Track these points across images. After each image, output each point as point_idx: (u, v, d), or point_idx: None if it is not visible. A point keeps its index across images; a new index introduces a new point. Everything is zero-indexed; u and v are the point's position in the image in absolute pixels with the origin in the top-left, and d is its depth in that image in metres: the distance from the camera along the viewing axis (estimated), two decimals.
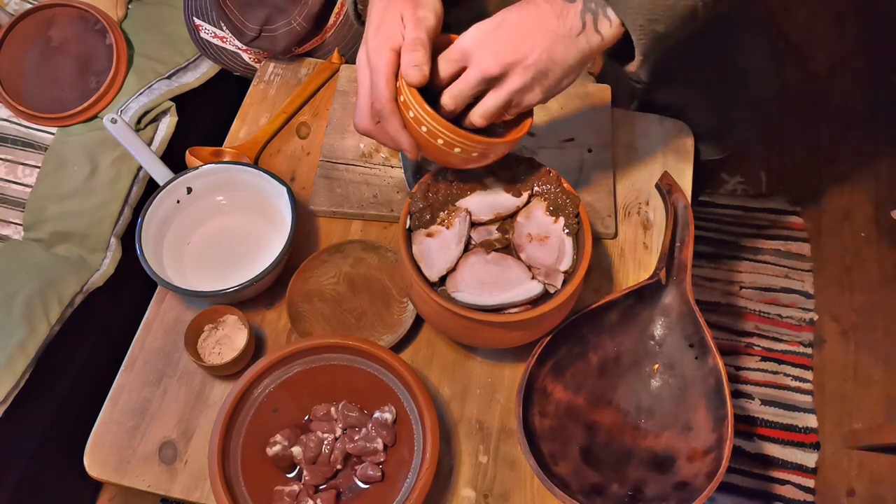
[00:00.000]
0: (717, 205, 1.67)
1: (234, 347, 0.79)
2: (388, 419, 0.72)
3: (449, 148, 0.64)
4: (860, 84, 1.86)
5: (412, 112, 0.63)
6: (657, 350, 0.78)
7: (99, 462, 0.75)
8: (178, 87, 1.17)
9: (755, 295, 1.55)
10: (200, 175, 0.85)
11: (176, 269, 0.83)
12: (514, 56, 0.60)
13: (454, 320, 0.69)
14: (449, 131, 0.63)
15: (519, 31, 0.61)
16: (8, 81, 1.11)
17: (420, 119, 0.63)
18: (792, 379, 1.45)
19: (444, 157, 0.66)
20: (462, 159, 0.66)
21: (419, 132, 0.64)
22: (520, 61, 0.60)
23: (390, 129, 0.65)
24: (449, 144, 0.64)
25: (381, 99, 0.64)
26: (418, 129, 0.64)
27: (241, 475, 0.69)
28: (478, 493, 0.73)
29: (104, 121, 0.97)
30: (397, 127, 0.65)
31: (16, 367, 0.97)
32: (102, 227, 1.09)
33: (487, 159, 0.67)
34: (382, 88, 0.63)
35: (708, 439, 0.71)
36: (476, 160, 0.67)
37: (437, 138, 0.64)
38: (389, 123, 0.65)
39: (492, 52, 0.60)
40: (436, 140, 0.64)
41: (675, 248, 0.79)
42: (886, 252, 1.60)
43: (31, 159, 1.13)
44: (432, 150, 0.65)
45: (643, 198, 0.90)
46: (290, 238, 0.79)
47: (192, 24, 1.11)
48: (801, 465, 1.36)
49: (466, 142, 0.64)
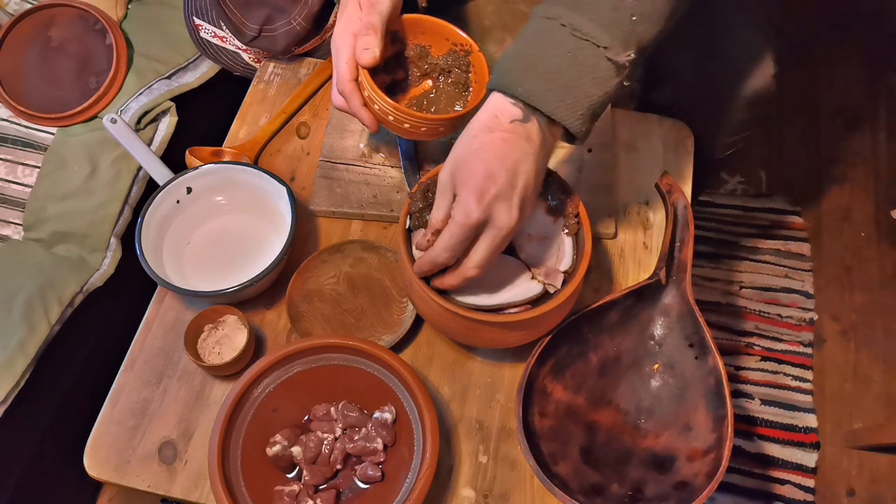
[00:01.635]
0: (717, 205, 1.67)
1: (233, 347, 0.79)
2: (388, 419, 0.72)
3: (399, 123, 0.73)
4: (860, 84, 1.86)
5: (366, 92, 0.72)
6: (657, 350, 0.78)
7: (99, 462, 0.75)
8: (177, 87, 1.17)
9: (755, 295, 1.55)
10: (200, 175, 0.85)
11: (176, 269, 0.83)
12: (521, 197, 0.61)
13: (454, 320, 0.69)
14: (395, 109, 0.72)
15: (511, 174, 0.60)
16: (8, 81, 1.11)
17: (373, 98, 0.72)
18: (792, 379, 1.45)
19: (397, 130, 0.75)
20: (412, 133, 0.75)
21: (374, 109, 0.73)
22: (525, 196, 0.62)
23: (351, 106, 0.74)
24: (399, 120, 0.73)
25: (342, 80, 0.73)
26: (373, 106, 0.73)
27: (241, 475, 0.69)
28: (478, 493, 0.73)
29: (104, 121, 0.97)
30: (357, 104, 0.74)
31: (16, 367, 0.97)
32: (102, 227, 1.09)
33: (438, 133, 0.76)
34: (343, 70, 0.72)
35: (708, 439, 0.71)
36: (427, 133, 0.75)
37: (388, 115, 0.73)
38: (350, 101, 0.74)
39: (505, 209, 0.61)
40: (387, 117, 0.73)
41: (675, 248, 0.78)
42: (886, 252, 1.60)
43: (31, 159, 1.13)
44: (386, 124, 0.75)
45: (643, 198, 0.90)
46: (290, 238, 0.79)
47: (192, 23, 1.11)
48: (801, 465, 1.36)
49: (412, 118, 0.72)
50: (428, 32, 0.80)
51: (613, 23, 0.59)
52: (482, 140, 0.61)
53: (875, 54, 1.90)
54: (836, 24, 1.96)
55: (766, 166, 1.73)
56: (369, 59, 0.70)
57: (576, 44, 0.60)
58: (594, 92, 0.60)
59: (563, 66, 0.60)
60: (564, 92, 0.60)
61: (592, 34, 0.59)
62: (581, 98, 0.60)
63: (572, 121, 0.61)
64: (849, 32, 1.95)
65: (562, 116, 0.60)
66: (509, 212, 0.61)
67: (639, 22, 0.59)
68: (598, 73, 0.60)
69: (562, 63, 0.60)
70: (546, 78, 0.60)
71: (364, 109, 0.74)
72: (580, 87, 0.60)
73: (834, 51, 1.92)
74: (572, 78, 0.60)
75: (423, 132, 0.75)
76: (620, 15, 0.59)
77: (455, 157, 0.62)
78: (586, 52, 0.59)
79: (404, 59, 0.81)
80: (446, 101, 0.81)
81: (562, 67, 0.60)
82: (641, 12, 0.59)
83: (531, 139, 0.61)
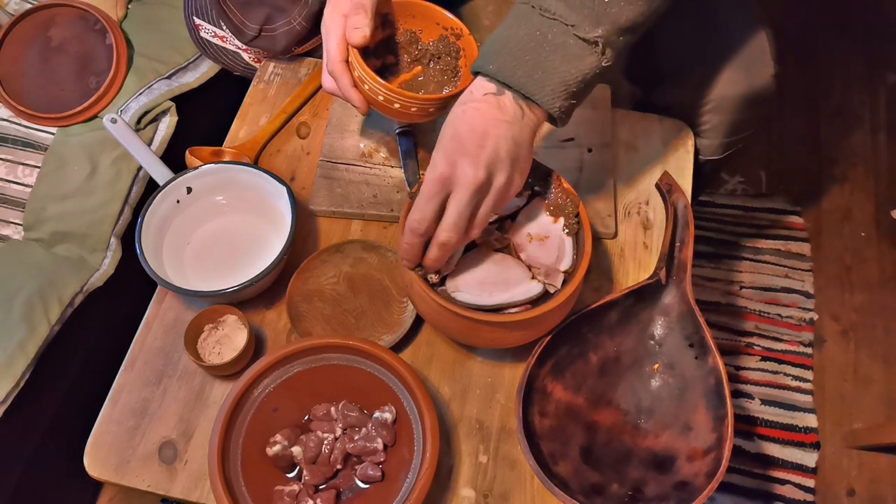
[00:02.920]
0: (717, 205, 1.68)
1: (233, 347, 0.79)
2: (388, 419, 0.72)
3: (389, 103, 0.73)
4: (860, 84, 1.86)
5: (356, 72, 0.72)
6: (657, 350, 0.78)
7: (99, 462, 0.75)
8: (178, 86, 1.17)
9: (755, 295, 1.55)
10: (200, 175, 0.85)
11: (176, 269, 0.83)
12: (490, 156, 0.61)
13: (454, 320, 0.69)
14: (386, 90, 0.71)
15: (478, 134, 0.62)
16: (8, 81, 1.11)
17: (363, 78, 0.71)
18: (792, 379, 1.45)
19: (387, 111, 0.74)
20: (403, 114, 0.74)
21: (364, 90, 0.73)
22: (496, 158, 0.62)
23: (341, 87, 0.73)
24: (388, 100, 0.72)
25: (332, 60, 0.72)
26: (363, 87, 0.73)
27: (241, 475, 0.69)
28: (478, 493, 0.73)
29: (104, 121, 0.97)
30: (347, 85, 0.73)
31: (16, 367, 0.97)
32: (102, 227, 1.09)
33: (429, 115, 0.75)
34: (333, 50, 0.72)
35: (708, 439, 0.71)
36: (417, 114, 0.74)
37: (378, 95, 0.72)
38: (340, 82, 0.73)
39: (472, 165, 0.61)
40: (377, 97, 0.72)
41: (675, 247, 0.79)
42: (886, 252, 1.60)
43: (31, 159, 1.13)
44: (377, 105, 0.74)
45: (643, 198, 0.90)
46: (290, 238, 0.79)
47: (191, 23, 1.11)
48: (801, 465, 1.36)
49: (402, 98, 0.72)
50: (418, 16, 0.80)
51: (583, 3, 0.60)
52: (454, 112, 0.64)
53: (875, 54, 1.90)
54: (836, 24, 1.96)
55: (766, 166, 1.73)
56: (359, 38, 0.70)
57: (544, 22, 0.61)
58: (565, 69, 0.61)
59: (531, 44, 0.61)
60: (532, 67, 0.61)
61: (560, 13, 0.61)
62: (550, 74, 0.61)
63: (542, 95, 0.62)
64: (849, 32, 1.95)
65: (531, 91, 0.62)
66: (474, 169, 0.61)
67: (611, 3, 0.60)
68: (568, 50, 0.61)
69: (530, 41, 0.62)
70: (515, 55, 0.62)
71: (354, 90, 0.73)
72: (549, 63, 0.61)
73: (834, 51, 1.92)
74: (541, 55, 0.61)
75: (414, 113, 0.74)
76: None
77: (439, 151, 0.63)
78: (555, 31, 0.61)
79: (395, 44, 0.81)
80: (435, 86, 0.80)
81: (530, 45, 0.62)
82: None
83: (503, 108, 0.62)
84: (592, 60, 0.61)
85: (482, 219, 0.64)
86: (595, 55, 0.61)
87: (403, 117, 0.75)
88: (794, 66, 1.88)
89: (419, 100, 0.73)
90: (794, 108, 1.83)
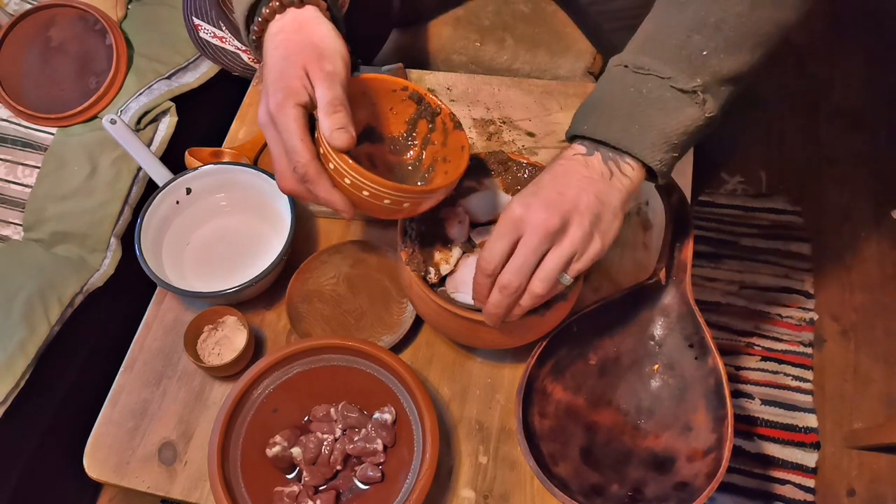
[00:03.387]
0: (717, 205, 1.67)
1: (233, 348, 0.79)
2: (387, 420, 0.72)
3: (397, 205, 0.61)
4: (860, 84, 1.86)
5: (348, 179, 0.58)
6: (657, 350, 0.78)
7: (98, 463, 0.75)
8: (177, 87, 1.18)
9: (755, 295, 1.55)
10: (200, 176, 0.85)
11: (175, 270, 0.83)
12: (567, 205, 0.58)
13: (454, 321, 0.69)
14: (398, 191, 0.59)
15: (560, 185, 0.60)
16: (8, 81, 1.12)
17: (360, 185, 0.58)
18: (792, 379, 1.45)
19: (390, 213, 0.62)
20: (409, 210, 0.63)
21: (359, 196, 0.60)
22: (573, 208, 0.59)
23: (320, 191, 0.60)
24: (397, 202, 0.60)
25: (301, 162, 0.58)
26: (359, 193, 0.59)
27: (240, 476, 0.69)
28: (478, 494, 0.73)
29: (103, 122, 0.97)
30: (328, 188, 0.60)
31: (16, 367, 0.97)
32: (102, 228, 1.09)
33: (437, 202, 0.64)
34: (300, 150, 0.58)
35: (708, 439, 0.71)
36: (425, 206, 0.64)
37: (384, 199, 0.59)
38: (318, 186, 0.59)
39: (546, 209, 0.58)
40: (382, 201, 0.60)
41: (674, 248, 0.78)
42: (886, 252, 1.60)
43: (31, 159, 1.13)
44: (377, 209, 0.61)
45: (643, 198, 0.90)
46: (290, 239, 0.79)
47: (191, 23, 1.11)
48: (801, 465, 1.36)
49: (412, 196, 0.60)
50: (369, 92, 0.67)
51: (679, 57, 0.59)
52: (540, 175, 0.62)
53: (875, 54, 1.90)
54: (836, 24, 1.96)
55: (766, 166, 1.73)
56: (347, 140, 0.57)
57: (638, 79, 0.60)
58: (664, 121, 0.59)
59: (626, 100, 0.60)
60: (628, 122, 0.59)
61: (654, 68, 0.59)
62: (648, 128, 0.59)
63: (641, 149, 0.59)
64: (849, 32, 1.95)
65: (628, 145, 0.60)
66: (547, 213, 0.58)
67: (710, 55, 0.59)
68: (666, 102, 0.59)
69: (625, 97, 0.60)
70: (609, 113, 0.60)
71: (336, 192, 0.60)
72: (646, 117, 0.59)
73: (834, 51, 1.92)
74: (637, 110, 0.60)
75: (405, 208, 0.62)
76: (687, 52, 0.59)
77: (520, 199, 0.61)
78: (650, 85, 0.59)
79: None
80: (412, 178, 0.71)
81: (625, 101, 0.60)
82: (713, 47, 0.59)
83: (590, 166, 0.60)
84: (693, 112, 0.59)
85: (548, 271, 0.60)
86: (696, 106, 0.59)
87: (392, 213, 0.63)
88: (794, 66, 1.88)
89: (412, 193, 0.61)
90: (794, 108, 1.83)
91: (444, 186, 0.62)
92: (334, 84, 0.58)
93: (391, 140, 0.70)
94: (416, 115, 0.69)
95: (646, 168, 0.61)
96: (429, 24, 1.12)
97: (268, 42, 0.61)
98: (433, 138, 0.69)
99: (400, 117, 0.69)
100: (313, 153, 0.58)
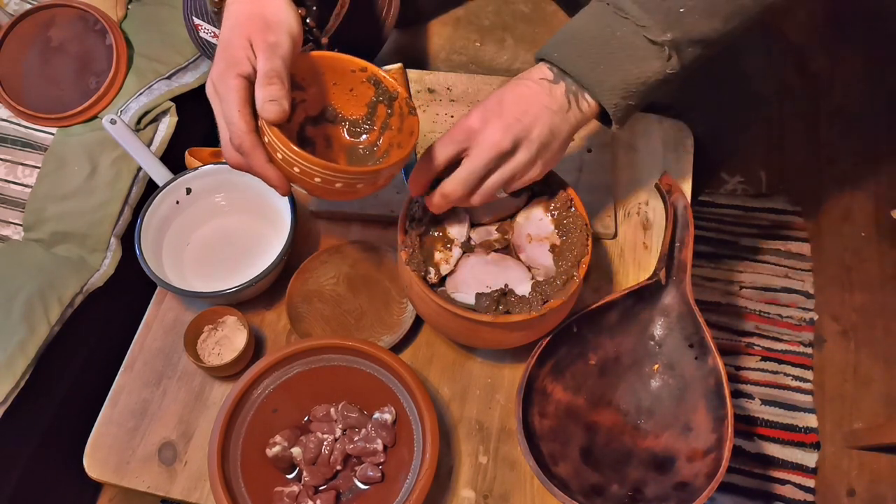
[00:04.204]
0: (717, 205, 1.68)
1: (233, 348, 0.79)
2: (387, 420, 0.72)
3: (329, 184, 0.59)
4: (860, 84, 1.86)
5: (280, 154, 0.58)
6: (657, 350, 0.78)
7: (98, 463, 0.75)
8: (177, 87, 1.17)
9: (755, 295, 1.55)
10: (200, 176, 0.85)
11: (175, 270, 0.83)
12: (522, 131, 0.61)
13: (454, 321, 0.69)
14: (327, 169, 0.58)
15: (520, 109, 0.62)
16: (8, 81, 1.12)
17: (290, 160, 0.58)
18: (792, 379, 1.45)
19: (324, 192, 0.61)
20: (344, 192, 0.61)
21: (291, 172, 0.59)
22: (526, 135, 0.62)
23: (255, 164, 0.59)
24: (328, 181, 0.59)
25: (237, 133, 0.58)
26: (290, 169, 0.59)
27: (240, 476, 0.69)
28: (478, 494, 0.73)
29: (103, 122, 0.97)
30: (262, 162, 0.59)
31: (16, 368, 0.97)
32: (102, 228, 1.09)
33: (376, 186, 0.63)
34: (236, 120, 0.58)
35: (708, 439, 0.71)
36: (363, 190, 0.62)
37: (314, 177, 0.58)
38: (252, 159, 0.59)
39: (501, 128, 0.61)
40: (313, 179, 0.59)
41: (674, 248, 0.78)
42: (886, 252, 1.60)
43: (31, 159, 1.13)
44: (310, 187, 0.60)
45: (643, 198, 0.90)
46: (290, 239, 0.79)
47: (191, 23, 1.10)
48: (801, 465, 1.36)
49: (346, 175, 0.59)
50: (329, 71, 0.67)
51: (658, 8, 0.60)
52: (507, 84, 0.64)
53: (875, 54, 1.90)
54: (836, 24, 1.96)
55: (766, 166, 1.73)
56: (278, 112, 0.57)
57: (616, 20, 0.61)
58: (628, 68, 0.61)
59: (599, 39, 0.61)
60: (596, 61, 0.61)
61: (633, 13, 0.60)
62: (613, 70, 0.61)
63: (601, 90, 0.62)
64: (849, 32, 1.95)
65: (590, 83, 0.62)
66: (502, 133, 0.61)
67: (686, 14, 0.60)
68: (635, 50, 0.61)
69: (599, 35, 0.61)
70: (580, 46, 0.62)
71: (271, 167, 0.59)
72: (614, 59, 0.61)
73: (834, 51, 1.92)
74: (606, 50, 0.61)
75: (360, 188, 0.61)
76: (667, 5, 0.60)
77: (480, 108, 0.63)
78: (625, 29, 0.61)
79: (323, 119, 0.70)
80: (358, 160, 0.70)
81: (598, 39, 0.61)
82: (691, 6, 0.60)
83: (553, 96, 0.63)
84: (657, 65, 0.61)
85: (489, 188, 0.64)
86: (661, 60, 0.61)
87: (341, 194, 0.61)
88: (794, 66, 1.88)
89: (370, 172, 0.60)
90: (794, 108, 1.83)
91: (377, 169, 0.61)
92: (273, 56, 0.58)
93: (352, 122, 0.70)
94: (375, 98, 0.68)
95: (601, 109, 0.63)
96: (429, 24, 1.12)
97: (224, 13, 0.62)
98: (391, 123, 0.69)
99: (360, 100, 0.69)
100: (251, 125, 0.58)
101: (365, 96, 0.69)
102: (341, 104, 0.69)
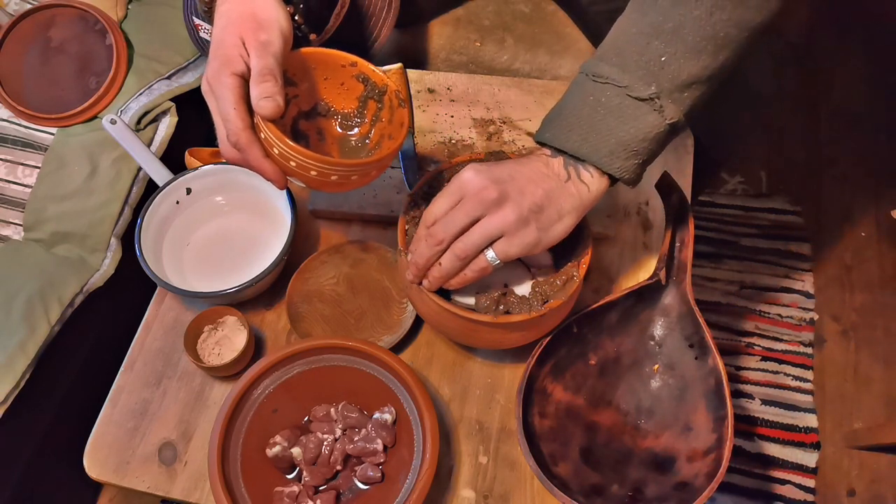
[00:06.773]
0: (717, 205, 1.68)
1: (233, 348, 0.79)
2: (387, 420, 0.72)
3: (324, 177, 0.61)
4: (860, 84, 1.86)
5: (276, 149, 0.60)
6: (657, 350, 0.78)
7: (98, 463, 0.75)
8: (177, 87, 1.18)
9: (755, 295, 1.55)
10: (200, 176, 0.85)
11: (175, 270, 0.83)
12: (511, 187, 0.60)
13: (454, 321, 0.69)
14: (322, 163, 0.60)
15: (515, 170, 0.62)
16: (8, 81, 1.12)
17: (287, 155, 0.60)
18: (792, 379, 1.45)
19: (320, 185, 0.63)
20: (339, 184, 0.63)
21: (287, 166, 0.61)
22: (517, 191, 0.60)
23: (251, 160, 0.61)
24: (324, 174, 0.61)
25: (234, 130, 0.60)
26: (286, 163, 0.61)
27: (240, 476, 0.69)
28: (478, 494, 0.73)
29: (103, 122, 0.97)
30: (258, 157, 0.61)
31: (16, 367, 0.97)
32: (102, 228, 1.09)
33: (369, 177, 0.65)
34: (232, 118, 0.60)
35: (708, 439, 0.71)
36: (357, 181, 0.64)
37: (310, 170, 0.61)
38: (249, 154, 0.61)
39: (489, 181, 0.60)
40: (309, 172, 0.61)
41: (674, 248, 0.78)
42: (886, 252, 1.60)
43: (31, 159, 1.13)
44: (306, 180, 0.63)
45: (643, 198, 0.90)
46: (290, 239, 0.79)
47: (191, 23, 1.10)
48: (802, 465, 1.36)
49: (341, 168, 0.61)
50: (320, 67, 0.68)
51: (637, 65, 0.60)
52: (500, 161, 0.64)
53: (875, 54, 1.90)
54: (836, 24, 1.96)
55: (766, 166, 1.73)
56: (273, 108, 0.59)
57: (596, 87, 0.61)
58: (623, 129, 0.60)
59: (585, 110, 0.62)
60: (587, 131, 0.61)
61: (612, 76, 0.60)
62: (607, 136, 0.61)
63: (599, 157, 0.61)
64: (849, 32, 1.95)
65: (586, 153, 0.61)
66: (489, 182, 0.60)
67: (668, 61, 0.59)
68: (623, 111, 0.60)
69: (584, 106, 0.62)
70: (568, 121, 0.62)
71: (267, 162, 0.62)
72: (605, 125, 0.61)
73: (834, 51, 1.92)
74: (595, 118, 0.61)
75: (353, 181, 0.64)
76: (646, 59, 0.60)
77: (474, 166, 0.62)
78: (608, 94, 0.61)
79: None
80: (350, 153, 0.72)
81: (584, 111, 0.62)
82: (672, 53, 0.59)
83: (550, 166, 0.63)
84: (652, 119, 0.60)
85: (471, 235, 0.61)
86: (654, 113, 0.60)
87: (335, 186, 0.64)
88: (794, 66, 1.88)
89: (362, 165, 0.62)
90: (794, 108, 1.83)
91: (371, 161, 0.62)
92: (266, 54, 0.59)
93: (343, 116, 0.71)
94: (365, 93, 0.70)
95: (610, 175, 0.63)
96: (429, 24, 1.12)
97: (215, 13, 0.64)
98: (382, 115, 0.70)
99: (351, 93, 0.70)
100: (246, 122, 0.60)
101: (356, 90, 0.70)
102: (333, 98, 0.70)
